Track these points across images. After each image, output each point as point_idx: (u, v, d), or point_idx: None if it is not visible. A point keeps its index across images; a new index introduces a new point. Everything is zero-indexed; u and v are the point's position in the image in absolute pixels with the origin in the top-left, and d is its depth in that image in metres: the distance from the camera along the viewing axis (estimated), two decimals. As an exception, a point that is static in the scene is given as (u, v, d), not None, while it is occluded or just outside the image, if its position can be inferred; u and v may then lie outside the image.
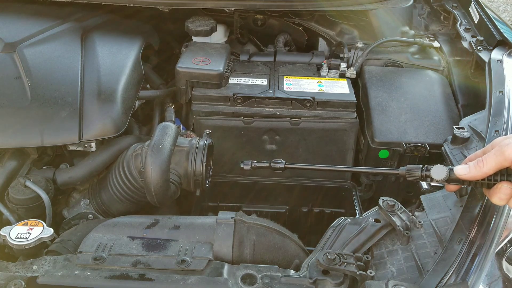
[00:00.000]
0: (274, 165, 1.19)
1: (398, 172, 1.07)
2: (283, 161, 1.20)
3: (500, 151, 0.91)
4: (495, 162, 0.92)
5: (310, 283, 0.97)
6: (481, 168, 0.93)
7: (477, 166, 0.94)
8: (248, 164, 1.21)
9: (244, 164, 1.22)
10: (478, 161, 0.94)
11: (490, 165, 0.92)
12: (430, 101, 1.67)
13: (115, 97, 1.42)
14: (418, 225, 1.12)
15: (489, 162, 0.92)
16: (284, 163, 1.19)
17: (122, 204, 1.37)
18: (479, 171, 0.94)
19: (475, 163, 0.95)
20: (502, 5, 5.54)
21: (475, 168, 0.94)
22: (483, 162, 0.93)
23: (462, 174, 0.96)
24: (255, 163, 1.21)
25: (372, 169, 1.28)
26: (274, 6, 1.83)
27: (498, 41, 1.73)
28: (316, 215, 1.74)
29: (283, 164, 1.19)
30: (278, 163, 1.19)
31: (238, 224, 1.11)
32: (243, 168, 1.21)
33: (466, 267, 1.00)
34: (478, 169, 0.94)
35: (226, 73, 1.66)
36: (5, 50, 1.45)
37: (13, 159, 1.37)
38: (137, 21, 1.87)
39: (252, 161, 1.22)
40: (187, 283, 0.97)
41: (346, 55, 1.83)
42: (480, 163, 0.94)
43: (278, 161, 1.20)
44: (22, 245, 1.08)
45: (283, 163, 1.19)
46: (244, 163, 1.22)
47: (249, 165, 1.21)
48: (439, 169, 1.00)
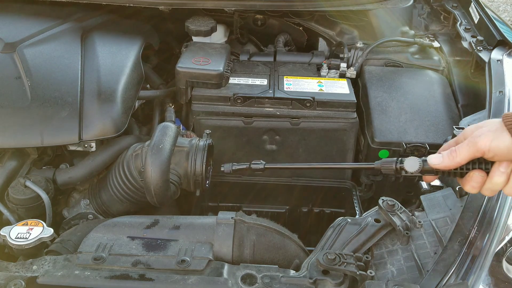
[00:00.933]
0: (254, 166, 1.19)
1: (373, 166, 1.06)
2: (262, 162, 1.20)
3: (473, 142, 0.92)
4: (467, 153, 0.93)
5: (310, 283, 0.97)
6: (454, 158, 0.95)
7: (450, 156, 0.95)
8: (229, 167, 1.21)
9: (224, 167, 1.22)
10: (452, 151, 0.96)
11: (463, 155, 0.94)
12: (430, 101, 1.67)
13: (115, 97, 1.42)
14: (418, 225, 1.12)
15: (462, 152, 0.94)
16: (264, 164, 1.19)
17: (122, 204, 1.36)
18: (452, 161, 0.95)
19: (448, 153, 0.96)
20: (502, 5, 5.54)
21: (448, 158, 0.96)
22: (456, 152, 0.94)
23: (436, 164, 0.97)
24: (235, 165, 1.21)
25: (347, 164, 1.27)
26: (274, 6, 1.83)
27: (498, 41, 1.73)
28: (316, 215, 1.74)
29: (263, 165, 1.19)
30: (257, 164, 1.20)
31: (238, 224, 1.11)
32: (223, 171, 1.22)
33: (466, 267, 1.00)
34: (451, 159, 0.95)
35: (226, 73, 1.66)
36: (5, 50, 1.45)
37: (13, 159, 1.37)
38: (137, 21, 1.87)
39: (232, 163, 1.22)
40: (187, 283, 0.97)
41: (346, 55, 1.83)
42: (453, 153, 0.95)
43: (257, 162, 1.20)
44: (22, 245, 1.08)
45: (263, 164, 1.19)
46: (224, 166, 1.22)
47: (229, 168, 1.21)
48: (412, 161, 1.00)
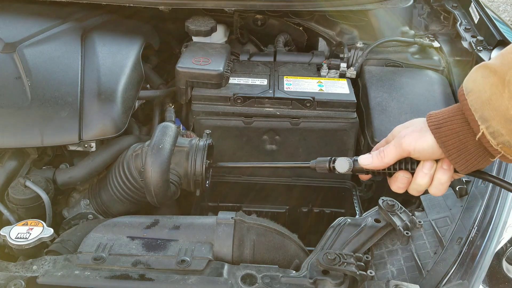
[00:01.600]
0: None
1: (309, 165, 1.08)
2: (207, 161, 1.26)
3: (399, 142, 0.94)
4: (394, 153, 0.94)
5: (310, 283, 0.97)
6: (382, 158, 0.96)
7: (379, 156, 0.97)
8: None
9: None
10: (380, 151, 0.97)
11: (390, 156, 0.95)
12: (430, 101, 1.67)
13: (115, 97, 1.42)
14: (418, 225, 1.12)
15: (390, 153, 0.95)
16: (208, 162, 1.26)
17: (122, 204, 1.36)
18: (381, 161, 0.96)
19: (377, 154, 0.97)
20: (502, 5, 5.54)
21: (377, 158, 0.97)
22: (384, 152, 0.96)
23: (366, 164, 0.99)
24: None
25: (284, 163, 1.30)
26: (274, 6, 1.83)
27: (498, 41, 1.73)
28: (316, 215, 1.74)
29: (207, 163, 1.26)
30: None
31: (238, 224, 1.11)
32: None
33: (466, 267, 1.00)
34: (380, 159, 0.97)
35: (226, 73, 1.66)
36: (5, 50, 1.45)
37: (13, 159, 1.37)
38: (137, 21, 1.87)
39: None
40: (187, 283, 0.97)
41: (346, 55, 1.83)
42: (381, 153, 0.96)
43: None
44: (22, 245, 1.08)
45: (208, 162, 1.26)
46: None
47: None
48: (343, 161, 1.02)
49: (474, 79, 0.84)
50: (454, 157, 0.88)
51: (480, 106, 0.82)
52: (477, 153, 0.86)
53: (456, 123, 0.87)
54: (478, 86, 0.83)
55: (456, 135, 0.87)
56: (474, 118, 0.83)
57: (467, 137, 0.86)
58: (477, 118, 0.83)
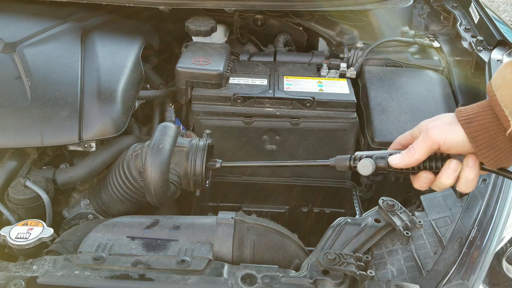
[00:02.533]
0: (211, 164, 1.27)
1: (328, 164, 1.07)
2: (219, 161, 1.27)
3: (428, 135, 0.92)
4: (425, 148, 0.93)
5: (310, 283, 0.97)
6: (413, 155, 0.94)
7: (409, 153, 0.95)
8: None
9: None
10: (410, 148, 0.96)
11: (421, 151, 0.94)
12: (430, 101, 1.67)
13: (115, 97, 1.42)
14: (418, 225, 1.12)
15: (420, 148, 0.94)
16: (220, 162, 1.27)
17: (122, 204, 1.36)
18: (412, 158, 0.95)
19: (407, 151, 0.96)
20: (502, 5, 5.54)
21: (408, 156, 0.95)
22: (414, 149, 0.94)
23: (396, 163, 0.97)
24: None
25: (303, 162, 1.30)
26: (274, 6, 1.83)
27: (498, 41, 1.73)
28: (316, 215, 1.74)
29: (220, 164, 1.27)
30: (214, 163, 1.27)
31: (238, 224, 1.11)
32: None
33: (466, 267, 1.00)
34: (410, 156, 0.95)
35: (226, 73, 1.66)
36: (5, 50, 1.45)
37: (13, 159, 1.37)
38: (137, 21, 1.87)
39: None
40: (187, 283, 0.97)
41: (346, 55, 1.83)
42: (411, 150, 0.95)
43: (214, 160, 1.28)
44: (22, 245, 1.08)
45: (219, 162, 1.27)
46: None
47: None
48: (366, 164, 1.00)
49: (503, 75, 0.84)
50: (483, 152, 0.87)
51: (509, 101, 0.82)
52: (506, 148, 0.86)
53: (486, 119, 0.86)
54: (507, 82, 0.83)
55: (487, 130, 0.86)
56: (504, 114, 0.83)
57: (497, 133, 0.85)
58: (507, 113, 0.82)
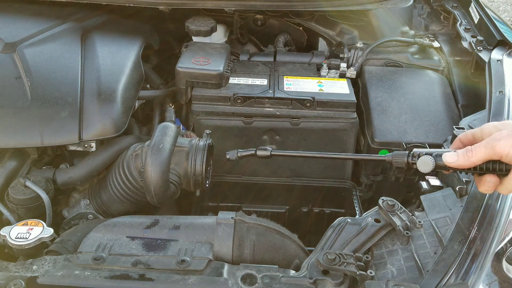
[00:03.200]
0: (260, 152, 1.20)
1: (384, 159, 1.07)
2: (269, 148, 1.21)
3: (491, 145, 0.91)
4: (484, 154, 0.92)
5: (310, 283, 0.97)
6: (469, 158, 0.93)
7: (466, 155, 0.94)
8: (234, 154, 1.22)
9: (229, 154, 1.23)
10: (467, 150, 0.94)
11: (478, 156, 0.92)
12: (430, 101, 1.67)
13: (115, 97, 1.42)
14: (418, 225, 1.12)
15: (479, 153, 0.92)
16: (270, 150, 1.20)
17: (122, 204, 1.36)
18: (468, 160, 0.94)
19: (464, 152, 0.94)
20: (502, 5, 5.54)
21: (463, 157, 0.94)
22: (472, 152, 0.93)
23: (451, 162, 0.96)
24: (240, 152, 1.22)
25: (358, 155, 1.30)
26: (274, 6, 1.83)
27: (498, 41, 1.73)
28: (316, 215, 1.74)
29: (269, 152, 1.20)
30: (264, 151, 1.20)
31: (238, 224, 1.11)
32: (229, 158, 1.22)
33: (466, 267, 1.00)
34: (466, 158, 0.94)
35: (226, 73, 1.66)
36: (5, 50, 1.45)
37: (13, 159, 1.37)
38: (137, 21, 1.87)
39: (238, 150, 1.23)
40: (187, 283, 0.97)
41: (346, 55, 1.83)
42: (469, 152, 0.93)
43: (264, 148, 1.21)
44: (22, 245, 1.08)
45: (270, 150, 1.20)
46: (229, 153, 1.23)
47: (234, 155, 1.22)
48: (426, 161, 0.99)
49: None
50: None
51: None
52: None
53: None
54: None
55: None
56: None
57: None
58: None
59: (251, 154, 1.21)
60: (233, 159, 1.22)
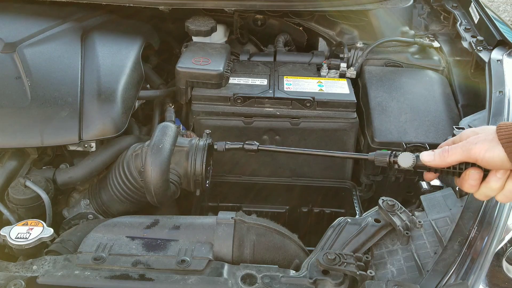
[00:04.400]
0: (248, 146, 1.25)
1: (367, 157, 1.09)
2: (256, 143, 1.26)
3: (467, 148, 0.92)
4: (460, 156, 0.93)
5: (310, 283, 0.97)
6: (445, 157, 0.95)
7: (441, 154, 0.96)
8: (222, 145, 1.28)
9: (217, 145, 1.29)
10: (444, 150, 0.96)
11: (454, 157, 0.94)
12: (430, 101, 1.67)
13: (115, 97, 1.42)
14: (418, 225, 1.12)
15: (454, 153, 0.94)
16: (257, 145, 1.25)
17: (122, 204, 1.36)
18: (443, 160, 0.96)
19: (440, 152, 0.97)
20: (502, 5, 5.54)
21: (439, 156, 0.96)
22: (448, 152, 0.95)
23: (427, 161, 0.98)
24: (228, 145, 1.28)
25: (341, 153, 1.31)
26: (274, 6, 1.83)
27: (498, 41, 1.73)
28: (316, 215, 1.74)
29: (256, 146, 1.25)
30: (251, 145, 1.26)
31: (238, 224, 1.11)
32: (216, 149, 1.28)
33: (466, 267, 1.00)
34: (442, 157, 0.96)
35: (226, 73, 1.66)
36: (5, 50, 1.45)
37: (13, 159, 1.37)
38: (137, 21, 1.87)
39: (226, 142, 1.29)
40: (187, 283, 0.97)
41: (346, 55, 1.83)
42: (445, 152, 0.95)
43: (251, 143, 1.26)
44: (22, 245, 1.08)
45: (256, 145, 1.25)
46: (217, 144, 1.29)
47: (222, 147, 1.28)
48: (406, 156, 1.02)
49: None
50: None
51: None
52: None
53: None
54: None
55: None
56: None
57: None
58: None
59: (239, 148, 1.26)
60: (220, 150, 1.28)
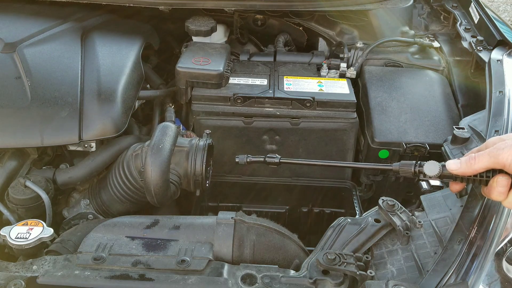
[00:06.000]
0: (269, 159, 1.22)
1: (391, 168, 1.08)
2: (278, 156, 1.22)
3: (495, 154, 0.91)
4: (487, 162, 0.92)
5: (310, 283, 0.97)
6: (472, 165, 0.94)
7: (468, 162, 0.95)
8: (243, 158, 1.24)
9: (239, 158, 1.24)
10: (470, 157, 0.95)
11: (481, 164, 0.93)
12: (430, 101, 1.67)
13: (115, 97, 1.42)
14: (418, 225, 1.12)
15: (481, 160, 0.93)
16: (279, 158, 1.21)
17: (122, 204, 1.37)
18: (470, 167, 0.94)
19: (466, 159, 0.95)
20: (502, 5, 5.54)
21: (466, 164, 0.95)
22: (475, 159, 0.94)
23: (453, 169, 0.97)
24: (250, 158, 1.24)
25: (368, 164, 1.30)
26: (274, 6, 1.83)
27: (498, 41, 1.73)
28: (316, 215, 1.74)
29: (278, 159, 1.21)
30: (273, 158, 1.22)
31: (238, 224, 1.11)
32: (238, 162, 1.24)
33: (466, 267, 1.00)
34: (469, 165, 0.94)
35: (226, 73, 1.66)
36: (5, 50, 1.45)
37: (13, 159, 1.37)
38: (137, 21, 1.87)
39: (247, 155, 1.24)
40: (187, 283, 0.97)
41: (346, 55, 1.83)
42: (472, 159, 0.94)
43: (273, 156, 1.22)
44: (22, 245, 1.08)
45: (278, 157, 1.22)
46: (239, 157, 1.24)
47: (244, 160, 1.24)
48: (432, 165, 1.00)
49: None
50: None
51: None
52: None
53: None
54: None
55: None
56: None
57: None
58: None
59: (261, 161, 1.23)
60: (242, 163, 1.24)
